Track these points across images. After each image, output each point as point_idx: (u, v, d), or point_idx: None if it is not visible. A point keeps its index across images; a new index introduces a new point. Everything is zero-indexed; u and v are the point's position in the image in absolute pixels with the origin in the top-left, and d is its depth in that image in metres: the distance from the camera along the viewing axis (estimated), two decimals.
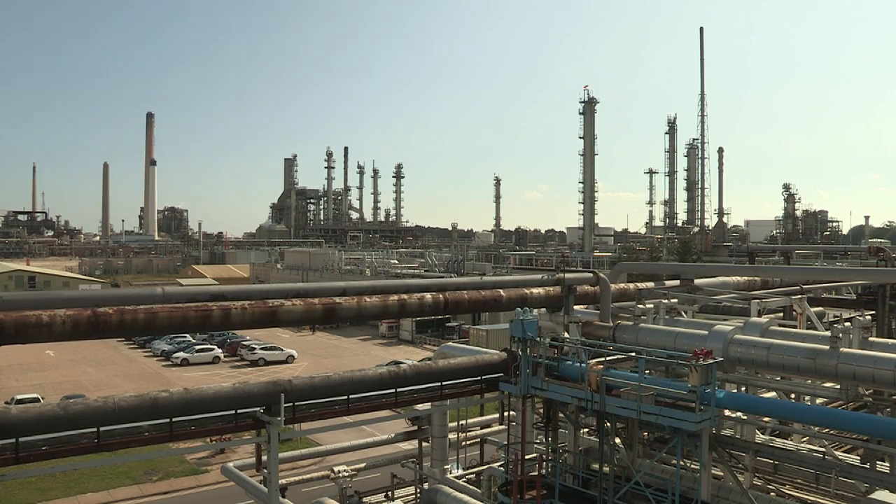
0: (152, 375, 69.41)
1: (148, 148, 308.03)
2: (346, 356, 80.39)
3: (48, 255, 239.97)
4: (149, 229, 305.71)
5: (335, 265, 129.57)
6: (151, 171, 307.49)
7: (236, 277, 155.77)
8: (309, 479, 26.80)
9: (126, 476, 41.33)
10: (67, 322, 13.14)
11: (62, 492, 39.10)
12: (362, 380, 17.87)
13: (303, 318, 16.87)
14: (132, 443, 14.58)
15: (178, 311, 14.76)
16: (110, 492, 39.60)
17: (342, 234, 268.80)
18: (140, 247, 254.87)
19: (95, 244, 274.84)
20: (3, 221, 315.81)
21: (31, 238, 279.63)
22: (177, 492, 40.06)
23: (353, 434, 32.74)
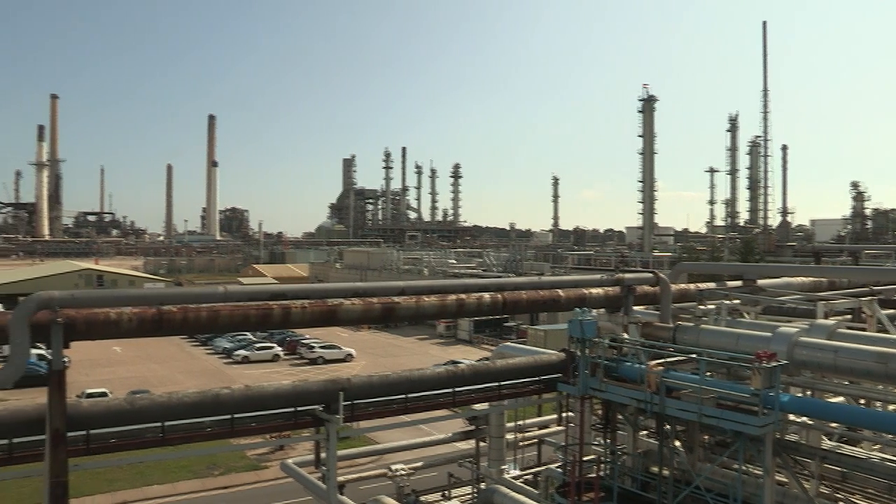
0: (214, 372, 70.68)
1: (210, 150, 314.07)
2: (404, 355, 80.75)
3: (115, 254, 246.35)
4: (211, 229, 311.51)
5: (393, 265, 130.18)
6: (213, 173, 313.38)
7: (296, 277, 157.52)
8: (366, 477, 26.95)
9: (189, 470, 42.20)
10: (134, 319, 13.46)
11: (129, 483, 40.13)
12: (420, 379, 17.94)
13: (362, 318, 16.98)
14: (195, 438, 14.87)
15: (240, 309, 14.98)
16: (174, 485, 40.51)
17: (400, 234, 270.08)
18: (202, 246, 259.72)
19: (159, 244, 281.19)
20: (73, 222, 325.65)
21: (99, 238, 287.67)
22: (237, 486, 40.76)
23: (410, 433, 32.84)
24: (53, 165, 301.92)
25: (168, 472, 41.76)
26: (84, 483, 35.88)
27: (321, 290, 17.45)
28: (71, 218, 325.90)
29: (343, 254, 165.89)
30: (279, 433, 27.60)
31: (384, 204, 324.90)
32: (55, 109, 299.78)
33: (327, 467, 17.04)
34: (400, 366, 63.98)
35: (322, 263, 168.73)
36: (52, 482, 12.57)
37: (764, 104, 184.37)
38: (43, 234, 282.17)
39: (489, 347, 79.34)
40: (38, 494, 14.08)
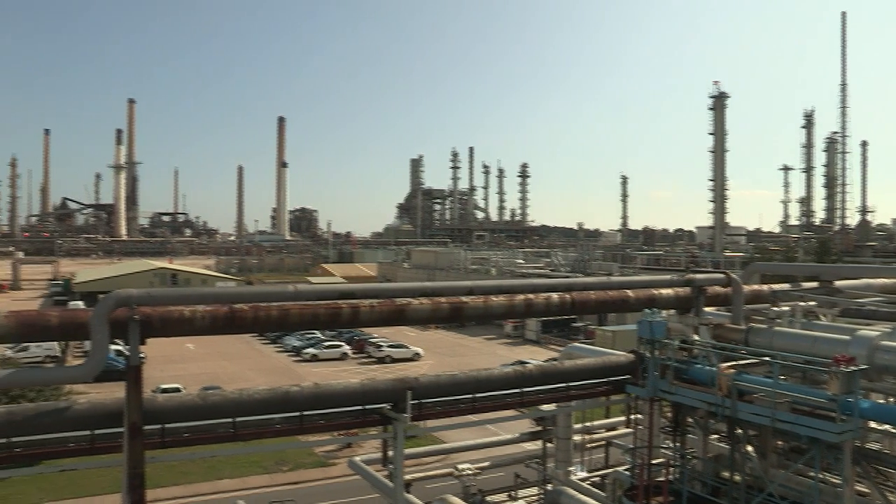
0: (283, 370, 71.78)
1: (279, 151, 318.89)
2: (471, 355, 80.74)
3: (188, 253, 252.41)
4: (280, 229, 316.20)
5: (461, 265, 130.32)
6: (283, 173, 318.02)
7: (364, 276, 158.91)
8: (433, 476, 27.05)
9: (258, 465, 42.99)
10: (206, 317, 13.75)
11: (201, 476, 41.10)
12: (488, 379, 17.92)
13: (430, 317, 17.03)
14: (265, 434, 15.12)
15: (309, 308, 15.19)
16: (244, 479, 41.30)
17: (468, 234, 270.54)
18: (272, 246, 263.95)
19: (231, 243, 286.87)
20: (149, 222, 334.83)
21: (173, 238, 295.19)
22: (305, 482, 41.31)
23: (477, 433, 32.84)
24: (130, 168, 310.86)
25: (238, 466, 42.60)
26: (159, 475, 36.85)
27: (389, 289, 17.56)
28: (147, 218, 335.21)
29: (411, 253, 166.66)
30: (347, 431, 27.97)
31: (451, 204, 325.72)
32: (132, 113, 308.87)
33: (394, 466, 17.15)
34: (467, 365, 64.05)
35: (390, 263, 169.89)
36: (130, 473, 12.94)
37: (842, 99, 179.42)
38: (121, 234, 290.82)
39: (557, 348, 78.81)
40: (116, 484, 14.52)
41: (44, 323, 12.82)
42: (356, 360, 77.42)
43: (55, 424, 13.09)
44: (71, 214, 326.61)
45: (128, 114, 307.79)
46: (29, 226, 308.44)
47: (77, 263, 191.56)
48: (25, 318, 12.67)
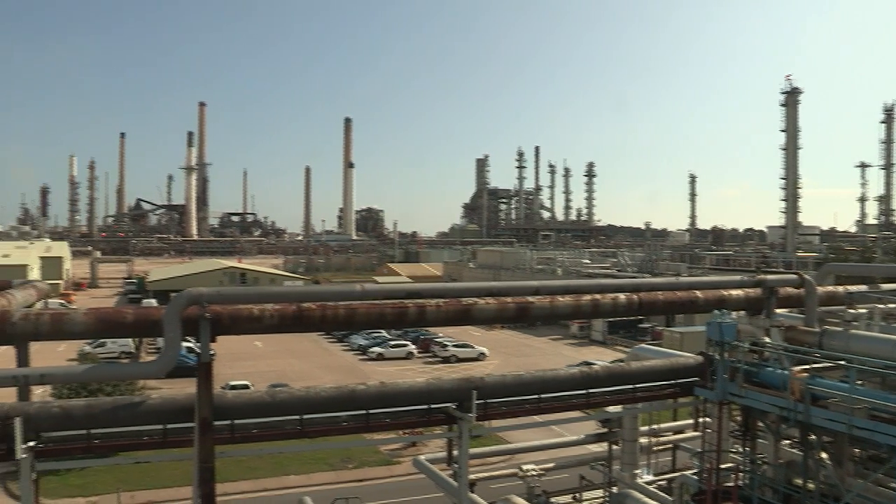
0: (349, 368, 72.46)
1: (346, 151, 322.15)
2: (537, 355, 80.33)
3: (257, 253, 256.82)
4: (347, 229, 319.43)
5: (527, 264, 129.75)
6: (350, 174, 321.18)
7: (430, 276, 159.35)
8: (497, 476, 26.98)
9: (324, 462, 43.49)
10: (275, 316, 13.96)
11: (268, 472, 41.79)
12: (553, 379, 17.81)
13: (496, 317, 17.00)
14: (331, 431, 15.29)
15: (376, 307, 15.30)
16: (310, 475, 41.85)
17: (533, 234, 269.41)
18: (339, 246, 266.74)
19: (298, 243, 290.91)
20: (219, 222, 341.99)
21: (242, 237, 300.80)
22: (370, 480, 41.63)
23: (542, 433, 32.64)
24: (201, 169, 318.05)
25: (305, 463, 43.18)
26: (228, 469, 37.57)
27: (456, 289, 17.59)
28: (217, 218, 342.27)
29: (476, 253, 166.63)
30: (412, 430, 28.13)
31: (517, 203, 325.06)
32: (202, 116, 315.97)
33: (459, 465, 17.17)
34: (532, 366, 63.72)
35: (455, 263, 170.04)
36: (201, 466, 13.22)
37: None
38: (191, 234, 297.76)
39: (623, 349, 77.90)
40: (187, 477, 14.86)
41: (120, 320, 13.20)
42: (421, 360, 77.67)
43: (130, 418, 13.46)
44: (145, 215, 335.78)
45: (198, 116, 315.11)
46: (106, 226, 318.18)
47: (150, 262, 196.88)
48: (103, 315, 13.07)
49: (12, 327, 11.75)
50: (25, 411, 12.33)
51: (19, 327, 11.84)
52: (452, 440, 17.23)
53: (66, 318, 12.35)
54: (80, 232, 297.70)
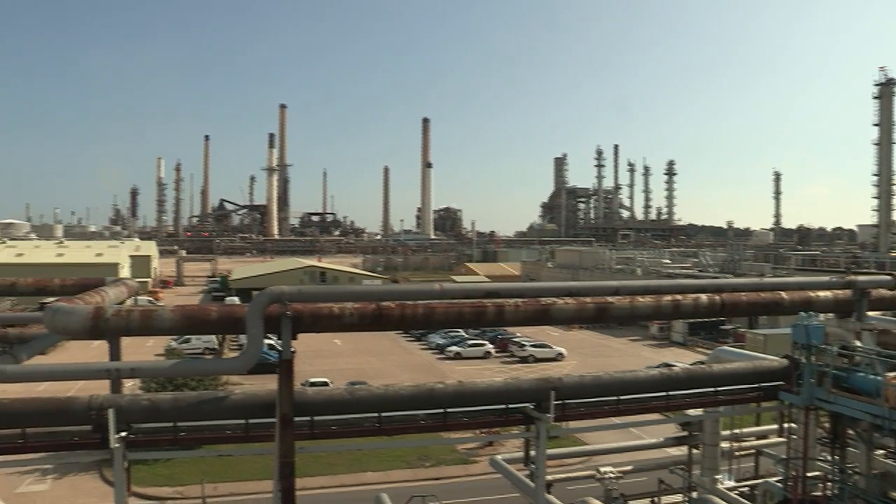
0: (427, 367, 72.83)
1: (424, 151, 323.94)
2: (615, 356, 79.36)
3: (336, 252, 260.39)
4: (425, 228, 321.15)
5: (605, 264, 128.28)
6: (427, 174, 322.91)
7: (508, 275, 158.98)
8: (574, 478, 26.72)
9: (401, 460, 43.83)
10: (355, 314, 14.11)
11: (346, 468, 42.38)
12: (633, 381, 17.55)
13: (574, 317, 16.82)
14: (409, 429, 15.38)
15: (454, 307, 15.32)
16: (387, 473, 42.25)
17: (612, 233, 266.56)
18: (417, 245, 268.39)
19: (377, 242, 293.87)
20: (299, 222, 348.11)
21: (321, 237, 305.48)
22: (447, 479, 41.79)
23: (620, 435, 32.21)
24: (282, 170, 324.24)
25: (382, 460, 43.60)
26: (307, 465, 38.22)
27: (534, 288, 17.50)
28: (297, 218, 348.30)
29: (554, 253, 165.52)
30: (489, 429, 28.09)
31: (596, 202, 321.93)
32: (283, 118, 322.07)
33: (536, 465, 17.07)
34: (610, 366, 62.96)
35: (534, 262, 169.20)
36: (281, 461, 13.46)
37: None
38: (273, 234, 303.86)
39: (704, 351, 76.28)
40: (268, 471, 15.18)
41: (205, 317, 13.55)
42: (499, 359, 77.53)
43: (214, 412, 13.81)
44: (228, 215, 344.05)
45: (279, 118, 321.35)
46: (191, 226, 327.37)
47: (233, 261, 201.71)
48: (189, 313, 13.43)
49: (105, 323, 12.19)
50: (118, 403, 12.78)
51: (112, 323, 12.27)
52: (530, 440, 17.13)
53: (154, 315, 12.74)
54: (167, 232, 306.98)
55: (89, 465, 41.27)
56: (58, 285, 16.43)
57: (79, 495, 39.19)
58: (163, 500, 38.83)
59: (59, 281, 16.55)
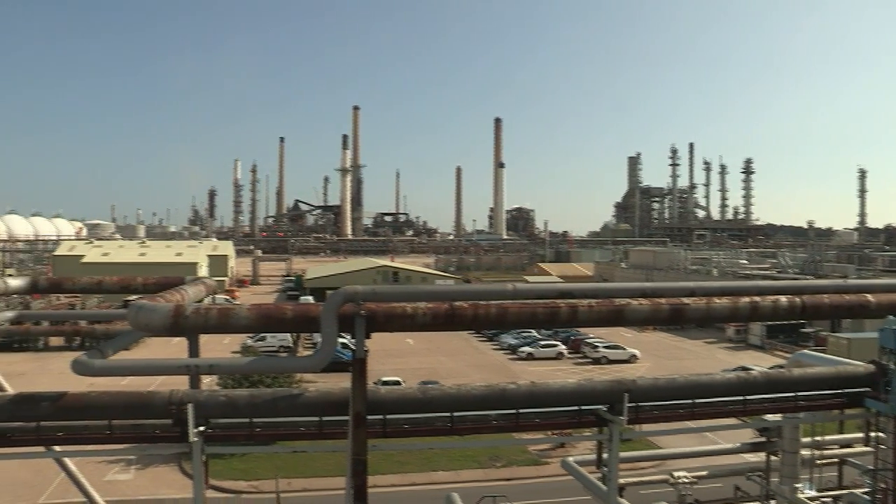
0: (499, 367, 72.75)
1: (496, 151, 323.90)
2: (690, 358, 77.97)
3: (409, 252, 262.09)
4: (497, 228, 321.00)
5: (680, 265, 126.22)
6: (500, 174, 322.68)
7: (580, 275, 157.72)
8: (647, 482, 26.31)
9: (472, 460, 43.88)
10: (428, 314, 14.13)
11: (417, 467, 42.64)
12: (709, 384, 17.17)
13: (648, 319, 16.53)
14: (481, 429, 15.34)
15: (527, 307, 15.21)
16: (458, 472, 42.34)
17: (687, 233, 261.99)
18: (489, 245, 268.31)
19: (449, 242, 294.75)
20: (372, 222, 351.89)
21: (395, 237, 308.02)
22: (518, 479, 41.66)
23: (694, 440, 31.67)
24: (355, 170, 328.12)
25: (453, 460, 43.72)
26: (379, 463, 38.59)
27: (608, 289, 17.29)
28: (370, 218, 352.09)
29: (628, 253, 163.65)
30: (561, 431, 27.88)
31: (670, 202, 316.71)
32: (356, 119, 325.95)
33: (609, 468, 16.85)
34: (685, 369, 61.89)
35: (607, 263, 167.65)
36: (354, 459, 13.58)
37: None
38: (346, 234, 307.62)
39: (783, 354, 74.33)
40: (340, 468, 15.35)
41: (280, 316, 13.76)
42: (572, 360, 77.03)
43: (289, 409, 14.02)
44: (302, 215, 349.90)
45: (352, 120, 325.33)
46: (266, 226, 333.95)
47: (307, 261, 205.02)
48: (265, 311, 13.66)
49: (185, 320, 12.49)
50: (196, 398, 13.08)
51: (191, 321, 12.56)
52: (602, 443, 16.92)
53: (232, 314, 12.99)
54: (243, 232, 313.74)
55: (169, 458, 42.58)
56: (140, 284, 16.92)
57: (160, 486, 40.41)
58: (238, 494, 39.70)
59: (141, 279, 17.04)
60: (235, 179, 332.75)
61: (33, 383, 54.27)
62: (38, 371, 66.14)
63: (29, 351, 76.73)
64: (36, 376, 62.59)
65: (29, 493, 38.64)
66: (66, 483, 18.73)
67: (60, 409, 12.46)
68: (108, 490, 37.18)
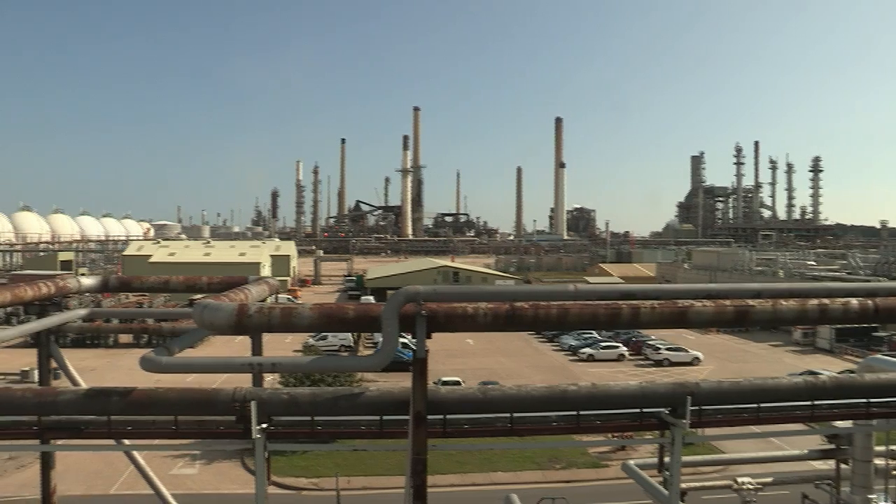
0: (559, 368, 72.41)
1: (557, 151, 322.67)
2: (754, 361, 76.40)
3: (469, 252, 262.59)
4: (558, 229, 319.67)
5: (745, 266, 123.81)
6: (560, 174, 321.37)
7: (642, 276, 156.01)
8: (710, 487, 25.86)
9: (532, 461, 43.74)
10: (488, 314, 14.10)
11: (476, 467, 42.66)
12: (775, 389, 16.74)
13: (712, 321, 16.21)
14: (541, 431, 15.23)
15: (589, 308, 15.05)
16: (517, 473, 42.24)
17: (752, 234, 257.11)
18: (550, 245, 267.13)
19: (510, 243, 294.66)
20: (432, 222, 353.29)
21: (455, 237, 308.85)
22: (577, 482, 41.36)
23: (759, 445, 30.96)
24: (416, 171, 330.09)
25: (513, 461, 43.64)
26: (439, 463, 38.74)
27: (671, 290, 16.99)
28: (430, 219, 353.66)
29: (691, 253, 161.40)
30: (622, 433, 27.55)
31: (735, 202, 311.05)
32: (417, 120, 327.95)
33: (670, 472, 16.57)
34: (749, 372, 60.60)
35: (669, 263, 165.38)
36: (413, 458, 13.63)
37: None
38: (407, 234, 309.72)
39: (853, 359, 72.41)
40: (399, 467, 15.44)
41: (342, 315, 13.88)
42: (633, 362, 76.27)
43: (350, 408, 14.12)
44: (363, 216, 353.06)
45: (413, 120, 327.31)
46: (328, 226, 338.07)
47: (368, 261, 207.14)
48: (327, 311, 13.79)
49: (249, 319, 12.67)
50: (259, 396, 13.27)
51: (255, 319, 12.74)
52: (664, 446, 16.68)
53: (294, 313, 13.14)
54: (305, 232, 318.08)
55: (232, 454, 43.42)
56: (205, 283, 17.23)
57: (223, 481, 41.23)
58: (299, 491, 40.24)
59: (206, 279, 17.35)
60: (298, 180, 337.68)
61: (104, 379, 56.03)
62: (108, 367, 68.10)
63: (100, 347, 79.06)
64: (106, 372, 64.50)
65: (101, 483, 39.97)
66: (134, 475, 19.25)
67: (130, 404, 12.78)
68: (174, 483, 38.08)
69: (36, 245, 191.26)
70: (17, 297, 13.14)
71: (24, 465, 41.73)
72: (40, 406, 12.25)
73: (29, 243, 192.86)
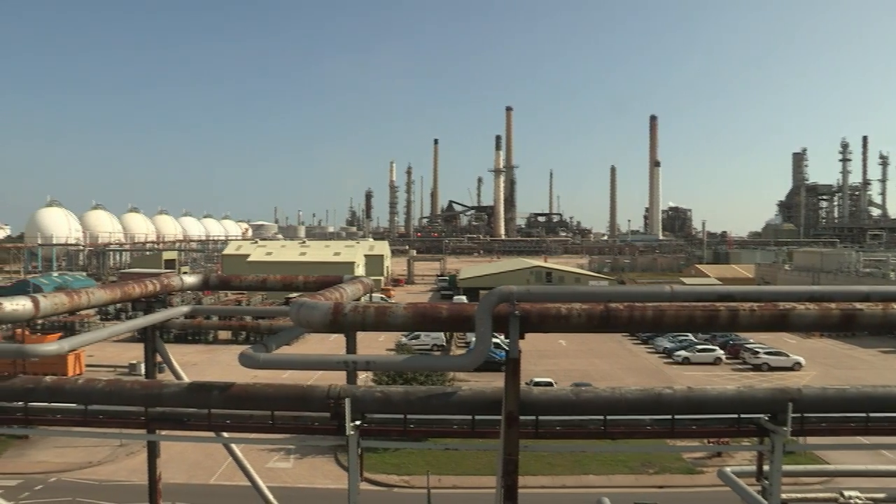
0: (653, 371, 71.12)
1: (652, 150, 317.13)
2: (862, 368, 73.26)
3: (562, 252, 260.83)
4: (653, 229, 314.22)
5: (851, 267, 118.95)
6: (655, 173, 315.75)
7: (740, 278, 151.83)
8: (812, 499, 24.86)
9: (624, 465, 43.10)
10: (582, 315, 13.94)
11: (567, 469, 42.32)
12: (885, 397, 15.99)
13: (816, 324, 15.58)
14: (634, 434, 14.96)
15: (685, 309, 14.71)
16: (609, 477, 41.68)
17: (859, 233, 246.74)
18: (644, 245, 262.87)
19: (604, 243, 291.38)
20: (525, 222, 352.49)
21: (548, 237, 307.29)
22: (671, 487, 40.55)
23: (868, 457, 29.60)
24: (508, 171, 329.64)
25: (605, 464, 43.10)
26: (530, 464, 38.56)
27: (771, 292, 16.44)
28: (523, 219, 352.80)
29: (792, 254, 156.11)
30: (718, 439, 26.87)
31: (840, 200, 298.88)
32: (510, 120, 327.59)
33: (770, 482, 16.02)
34: (857, 380, 58.23)
35: (769, 264, 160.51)
36: (505, 458, 13.59)
37: None
38: (499, 234, 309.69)
39: None
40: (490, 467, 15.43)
41: (435, 315, 13.95)
42: (730, 366, 74.30)
43: (442, 407, 14.18)
44: (456, 216, 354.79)
45: (506, 121, 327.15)
46: (421, 227, 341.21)
47: (460, 261, 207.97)
48: (421, 310, 13.88)
49: (344, 318, 12.87)
50: (353, 394, 13.47)
51: (350, 318, 12.93)
52: (763, 454, 16.15)
53: (388, 312, 13.28)
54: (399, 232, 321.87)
55: (326, 450, 44.34)
56: (301, 282, 17.59)
57: (317, 476, 42.12)
58: (391, 488, 40.72)
59: (302, 278, 17.70)
60: (391, 181, 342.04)
61: (204, 373, 57.98)
62: (208, 362, 70.49)
63: (200, 343, 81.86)
64: (206, 367, 66.75)
65: (201, 473, 41.49)
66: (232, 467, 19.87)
67: (229, 398, 13.19)
68: (270, 476, 39.09)
69: (143, 245, 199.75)
70: (127, 294, 13.72)
71: (133, 452, 43.99)
72: (147, 398, 12.78)
73: (136, 243, 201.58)
